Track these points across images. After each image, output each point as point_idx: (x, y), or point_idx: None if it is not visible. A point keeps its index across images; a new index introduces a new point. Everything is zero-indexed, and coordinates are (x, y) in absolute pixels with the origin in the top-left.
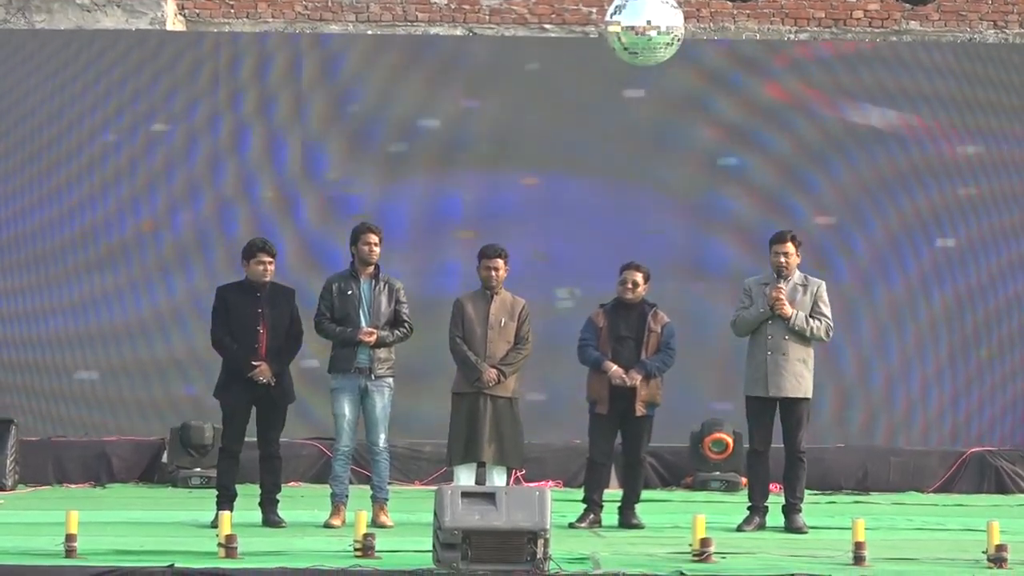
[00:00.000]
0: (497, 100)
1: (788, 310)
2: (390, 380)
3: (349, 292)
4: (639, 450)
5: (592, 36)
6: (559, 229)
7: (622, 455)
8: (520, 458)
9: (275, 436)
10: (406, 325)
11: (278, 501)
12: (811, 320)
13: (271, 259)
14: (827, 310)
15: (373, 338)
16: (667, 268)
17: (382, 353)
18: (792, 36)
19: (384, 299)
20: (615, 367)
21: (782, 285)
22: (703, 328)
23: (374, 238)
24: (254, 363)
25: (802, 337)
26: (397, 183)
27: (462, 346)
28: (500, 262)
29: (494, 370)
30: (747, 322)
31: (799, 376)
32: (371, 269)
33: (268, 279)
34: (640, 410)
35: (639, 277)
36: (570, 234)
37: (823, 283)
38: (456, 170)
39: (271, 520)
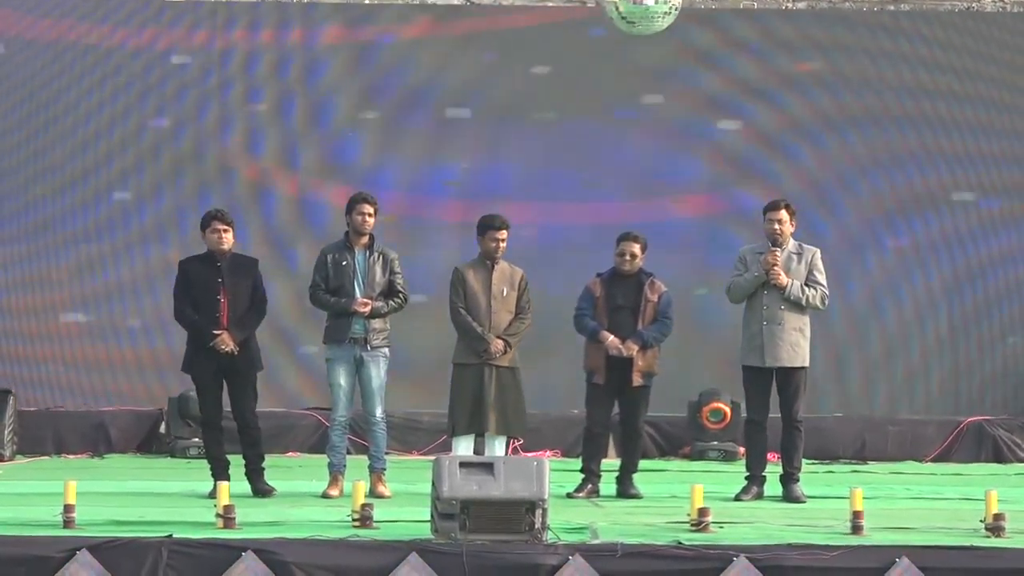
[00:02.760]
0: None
1: (784, 279)
2: (385, 350)
3: (343, 263)
4: (637, 420)
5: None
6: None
7: (620, 425)
8: (523, 427)
9: (248, 406)
10: (401, 295)
11: (264, 469)
12: (806, 289)
13: (227, 227)
14: (822, 278)
15: (367, 309)
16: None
17: (377, 324)
18: (790, 5)
19: (379, 269)
20: (612, 337)
21: (777, 250)
22: (701, 298)
23: (368, 208)
24: (215, 332)
25: (798, 306)
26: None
27: (466, 316)
28: (505, 233)
29: (501, 341)
30: (742, 288)
31: (795, 345)
32: (365, 239)
33: (227, 248)
34: (637, 380)
35: (636, 248)
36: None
37: (818, 251)
38: None
39: (260, 489)
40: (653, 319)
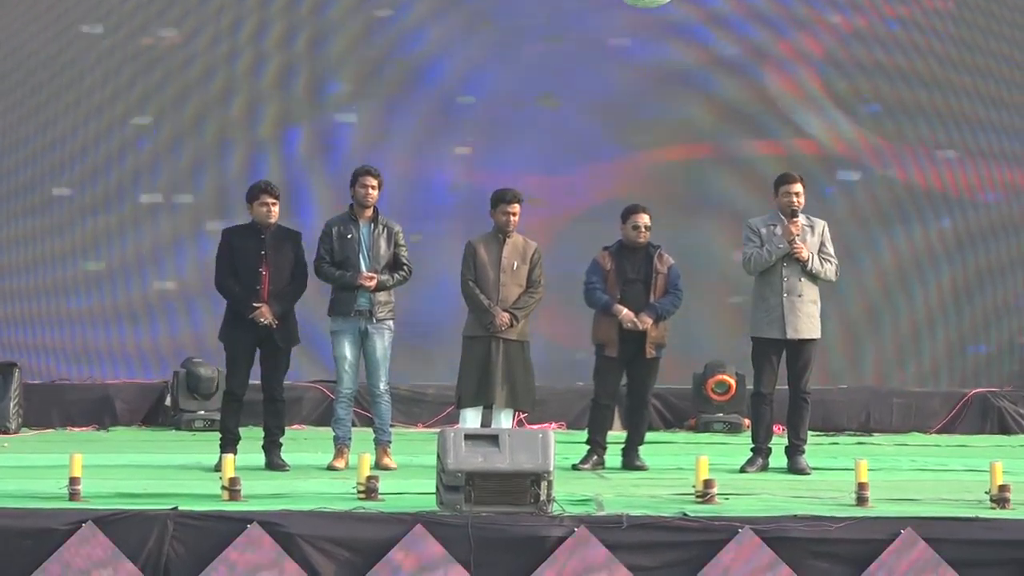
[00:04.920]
0: None
1: (805, 252)
2: (390, 323)
3: (349, 236)
4: (646, 392)
5: None
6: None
7: (627, 397)
8: (532, 400)
9: (278, 379)
10: (405, 268)
11: (281, 444)
12: (823, 262)
13: (275, 200)
14: (832, 250)
15: (373, 282)
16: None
17: (382, 296)
18: None
19: (383, 242)
20: (626, 311)
21: (798, 221)
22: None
23: (372, 181)
24: (255, 304)
25: (813, 278)
26: None
27: (474, 289)
28: (518, 207)
29: (507, 314)
30: (764, 260)
31: (812, 317)
32: (369, 212)
33: (272, 221)
34: (651, 352)
35: (648, 219)
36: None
37: (825, 223)
38: None
39: (274, 463)
40: (664, 291)
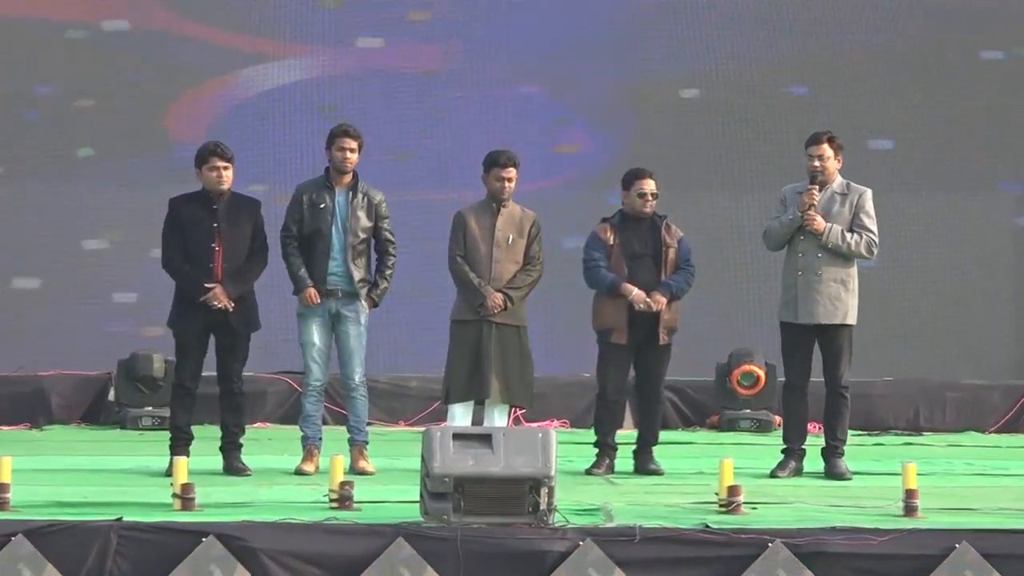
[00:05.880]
0: None
1: (820, 223)
2: (366, 304)
3: (322, 205)
4: (659, 384)
5: None
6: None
7: (636, 391)
8: (529, 395)
9: (237, 370)
10: (390, 257)
11: (241, 445)
12: (849, 235)
13: (227, 164)
14: (871, 223)
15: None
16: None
17: (357, 273)
18: None
19: (362, 214)
20: (637, 290)
21: (815, 188)
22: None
23: (351, 143)
24: (207, 285)
25: (840, 255)
26: None
27: (463, 266)
28: (514, 171)
29: (500, 295)
30: (777, 232)
31: (835, 299)
32: (347, 179)
33: (226, 188)
34: (664, 338)
35: (655, 185)
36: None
37: (868, 191)
38: None
39: (234, 467)
40: (675, 267)
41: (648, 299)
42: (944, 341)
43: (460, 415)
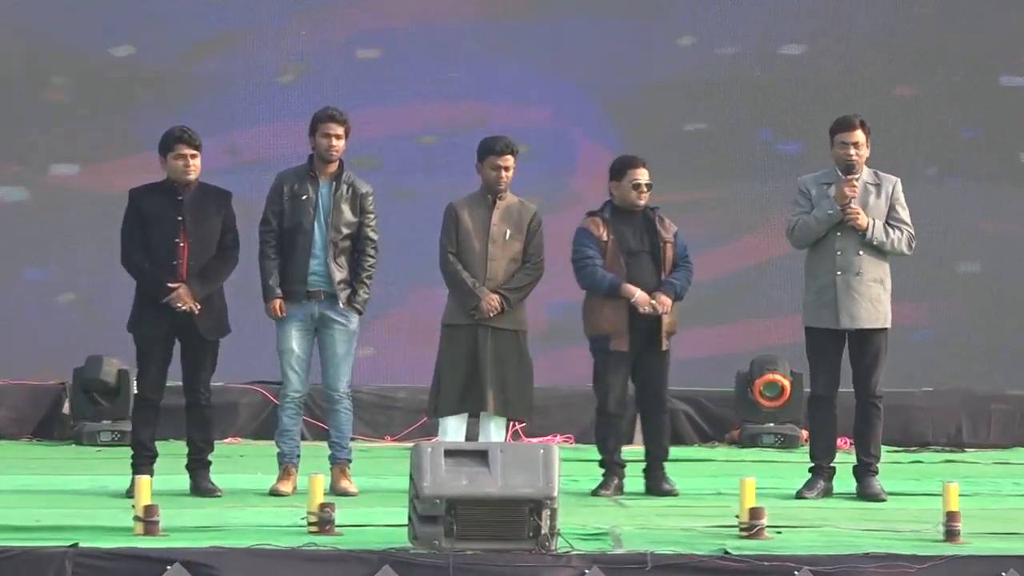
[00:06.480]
0: None
1: (864, 219)
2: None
3: (303, 196)
4: (663, 392)
5: None
6: None
7: (637, 403)
8: (529, 407)
9: (204, 379)
10: (371, 250)
11: (211, 463)
12: (890, 230)
13: (194, 152)
14: (906, 215)
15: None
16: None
17: (339, 273)
18: None
19: (346, 207)
20: (640, 292)
21: (854, 178)
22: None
23: (337, 129)
24: (171, 285)
25: (877, 252)
26: None
27: (455, 265)
28: (511, 159)
29: (496, 296)
30: (811, 229)
31: (876, 301)
32: (332, 168)
33: (192, 178)
34: (665, 343)
35: (648, 175)
36: None
37: (898, 180)
38: None
39: (202, 487)
40: (674, 265)
41: (652, 302)
42: (989, 348)
43: (453, 429)
